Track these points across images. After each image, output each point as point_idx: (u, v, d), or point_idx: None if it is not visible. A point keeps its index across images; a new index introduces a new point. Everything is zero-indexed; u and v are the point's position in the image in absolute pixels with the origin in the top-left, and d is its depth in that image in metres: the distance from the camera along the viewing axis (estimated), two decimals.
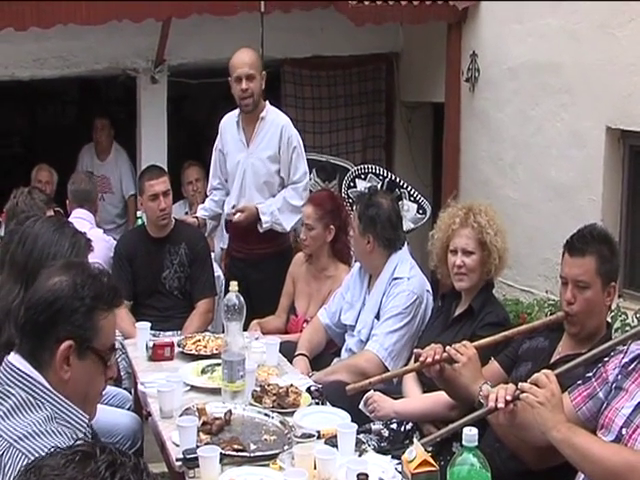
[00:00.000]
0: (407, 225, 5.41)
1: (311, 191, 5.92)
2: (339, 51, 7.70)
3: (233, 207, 5.32)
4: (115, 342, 2.30)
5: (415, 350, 3.49)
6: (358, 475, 2.46)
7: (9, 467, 1.96)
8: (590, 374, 2.88)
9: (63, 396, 2.15)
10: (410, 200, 6.00)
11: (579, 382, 2.89)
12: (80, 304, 2.16)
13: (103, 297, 2.21)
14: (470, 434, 2.31)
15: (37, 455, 1.91)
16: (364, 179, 6.13)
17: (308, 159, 5.51)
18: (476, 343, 3.31)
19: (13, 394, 2.09)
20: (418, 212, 6.00)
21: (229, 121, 5.38)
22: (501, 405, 2.81)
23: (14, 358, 2.17)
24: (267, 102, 5.31)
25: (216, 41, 6.92)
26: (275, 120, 5.25)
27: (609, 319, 3.44)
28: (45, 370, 2.14)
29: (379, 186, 5.91)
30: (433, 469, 2.40)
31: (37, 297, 2.18)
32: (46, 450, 1.91)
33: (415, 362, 3.40)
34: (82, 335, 2.16)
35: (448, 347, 3.26)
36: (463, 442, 2.33)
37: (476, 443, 2.32)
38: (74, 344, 2.14)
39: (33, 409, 2.08)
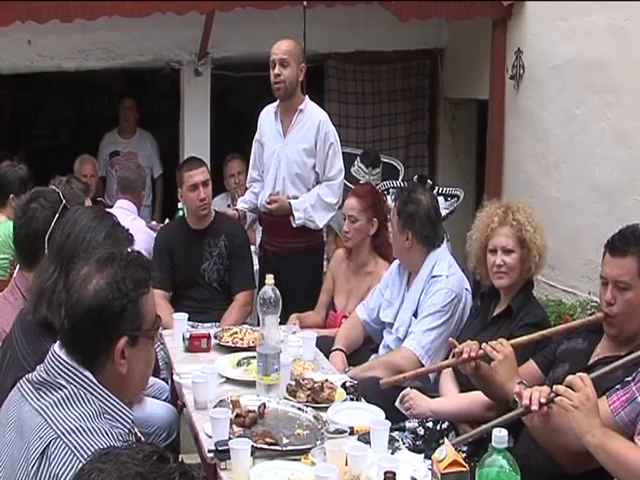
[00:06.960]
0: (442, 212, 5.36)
1: (355, 177, 5.91)
2: (383, 46, 7.67)
3: (269, 195, 5.31)
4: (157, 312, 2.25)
5: (450, 339, 3.49)
6: (385, 473, 2.44)
7: (54, 458, 1.95)
8: (629, 378, 2.82)
9: (122, 389, 2.14)
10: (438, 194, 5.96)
11: (617, 386, 2.84)
12: (126, 300, 2.12)
13: (142, 282, 2.17)
14: (500, 435, 2.28)
15: (83, 452, 1.94)
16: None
17: (346, 152, 5.47)
18: (513, 341, 3.28)
19: (64, 386, 2.08)
20: (446, 199, 5.94)
21: (268, 112, 5.38)
22: (535, 408, 2.78)
23: (64, 353, 2.13)
24: (307, 96, 5.30)
25: (259, 35, 6.92)
26: (313, 114, 5.23)
27: None
28: (100, 372, 2.11)
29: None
30: (463, 469, 2.37)
31: (82, 310, 2.10)
32: (92, 448, 1.93)
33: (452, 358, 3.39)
34: (133, 327, 2.13)
35: (484, 344, 3.25)
36: (493, 443, 2.30)
37: (506, 445, 2.29)
38: (128, 338, 2.12)
39: (83, 402, 2.06)
